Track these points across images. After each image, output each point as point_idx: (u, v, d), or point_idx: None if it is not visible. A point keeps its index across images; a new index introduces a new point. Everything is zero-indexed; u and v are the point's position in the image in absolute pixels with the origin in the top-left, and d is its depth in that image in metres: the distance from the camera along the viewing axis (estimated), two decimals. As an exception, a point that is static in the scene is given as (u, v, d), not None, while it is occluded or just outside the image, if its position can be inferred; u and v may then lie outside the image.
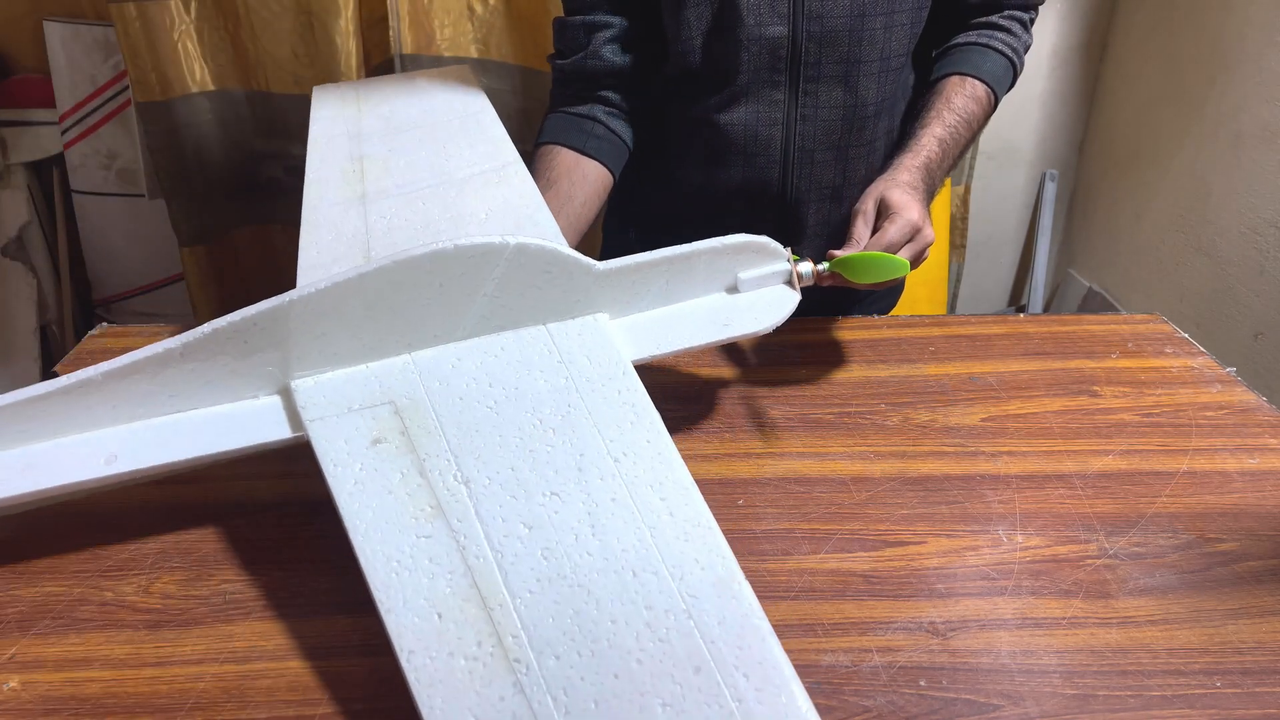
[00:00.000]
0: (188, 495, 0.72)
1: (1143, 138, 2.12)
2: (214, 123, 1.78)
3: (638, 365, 0.69)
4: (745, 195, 1.03)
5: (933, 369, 0.91)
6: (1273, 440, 0.81)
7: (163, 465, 0.63)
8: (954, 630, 0.62)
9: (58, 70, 1.86)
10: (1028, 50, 1.03)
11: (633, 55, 1.01)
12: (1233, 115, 1.82)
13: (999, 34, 1.01)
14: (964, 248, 2.31)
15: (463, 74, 1.10)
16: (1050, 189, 2.36)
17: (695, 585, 0.53)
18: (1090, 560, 0.68)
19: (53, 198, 1.99)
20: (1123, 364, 0.93)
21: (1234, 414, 0.85)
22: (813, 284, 0.79)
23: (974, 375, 0.90)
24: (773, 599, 0.64)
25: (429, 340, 0.68)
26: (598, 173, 0.99)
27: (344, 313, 0.65)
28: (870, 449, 0.80)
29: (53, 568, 0.66)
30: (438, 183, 0.87)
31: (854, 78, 0.95)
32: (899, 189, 0.85)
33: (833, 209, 1.04)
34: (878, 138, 1.02)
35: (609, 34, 0.99)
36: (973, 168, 2.24)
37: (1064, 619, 0.63)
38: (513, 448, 0.61)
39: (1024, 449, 0.80)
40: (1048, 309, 2.46)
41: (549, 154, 0.99)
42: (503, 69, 1.79)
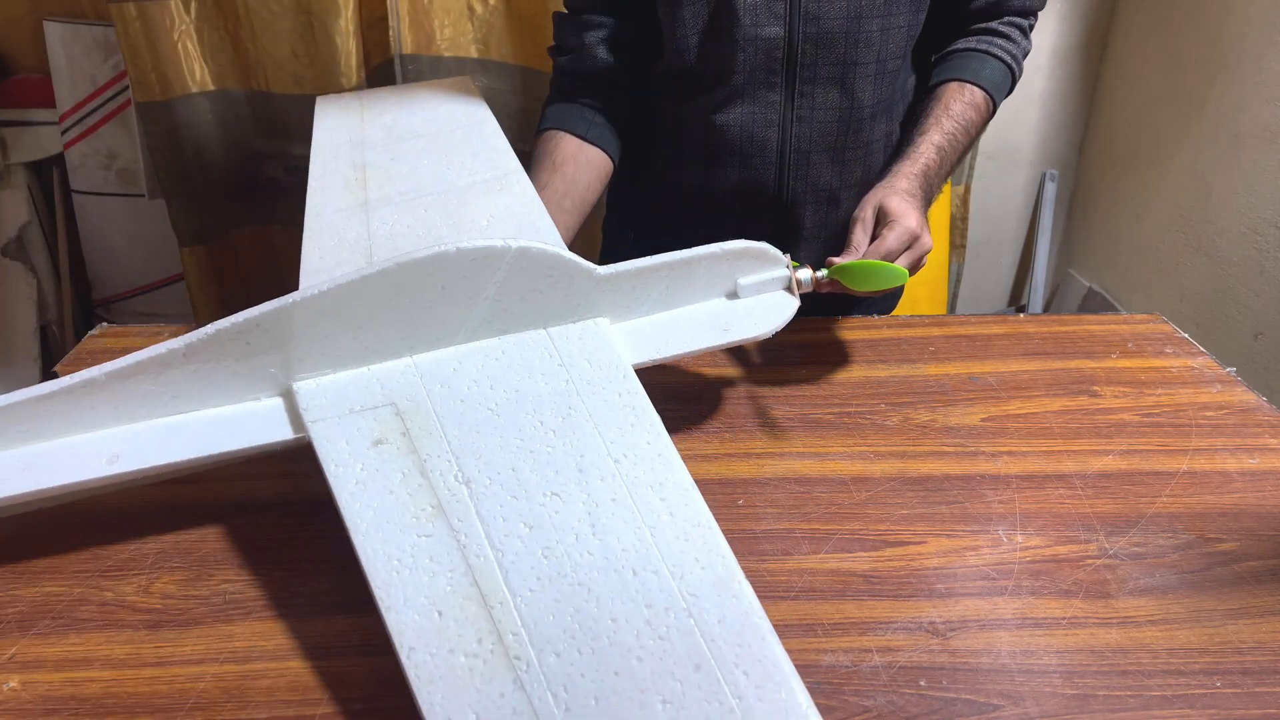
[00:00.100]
0: (188, 495, 0.72)
1: (1143, 138, 2.12)
2: (214, 123, 1.78)
3: (638, 369, 0.69)
4: (742, 196, 1.03)
5: (933, 369, 0.91)
6: (1273, 440, 0.81)
7: (164, 466, 0.63)
8: (954, 630, 0.62)
9: (58, 70, 1.86)
10: (1026, 56, 1.04)
11: (626, 55, 1.02)
12: (1233, 115, 1.82)
13: (998, 40, 1.01)
14: (964, 248, 2.31)
15: (465, 84, 1.12)
16: (1050, 189, 2.36)
17: (695, 584, 0.53)
18: (1090, 560, 0.68)
19: (53, 198, 1.99)
20: (1123, 364, 0.93)
21: (1234, 414, 0.85)
22: (811, 290, 0.80)
23: (974, 375, 0.90)
24: (773, 599, 0.64)
25: (430, 343, 0.69)
26: (600, 158, 1.01)
27: (346, 314, 0.65)
28: (870, 449, 0.80)
29: (53, 568, 0.66)
30: (440, 190, 0.87)
31: (850, 79, 0.95)
32: (897, 196, 0.86)
33: (830, 211, 1.04)
34: (874, 140, 1.02)
35: (602, 34, 1.00)
36: (973, 168, 2.24)
37: (1064, 619, 0.63)
38: (513, 449, 0.61)
39: (1024, 449, 0.80)
40: (1048, 309, 2.46)
41: (553, 139, 1.01)
42: (503, 69, 1.79)
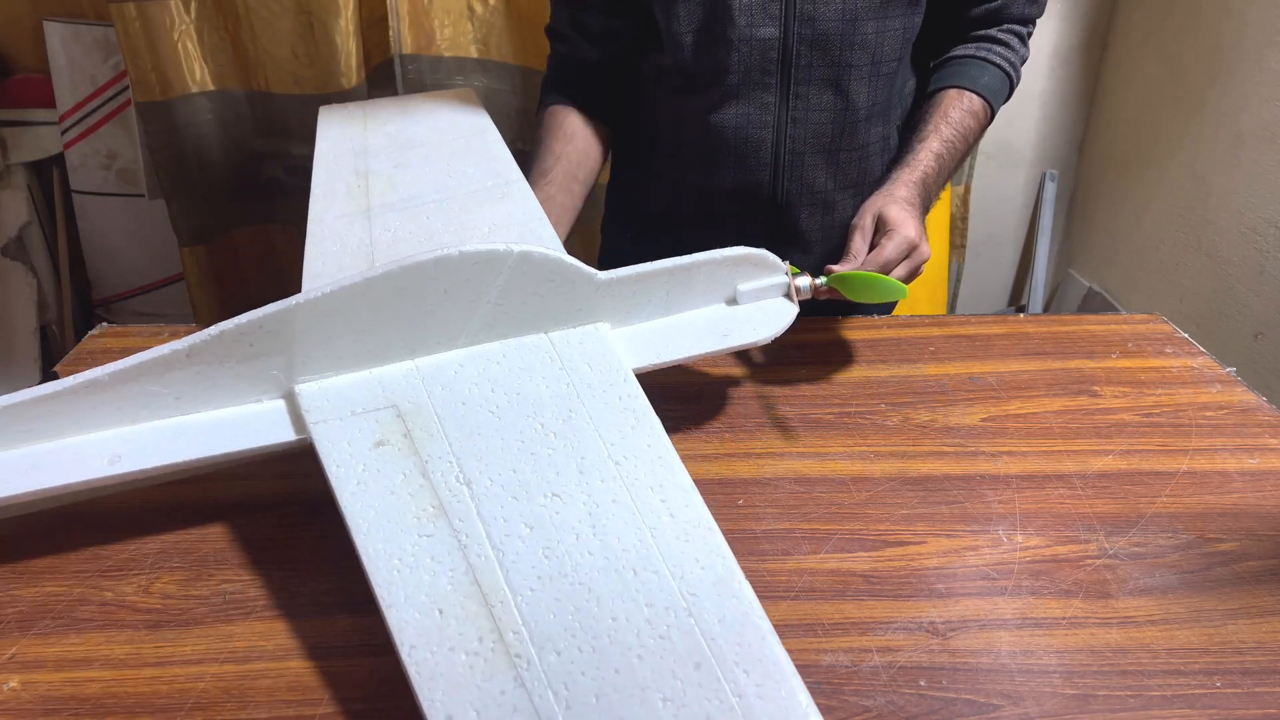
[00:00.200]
0: (188, 495, 0.72)
1: (1143, 138, 2.12)
2: (214, 123, 1.78)
3: (638, 374, 0.70)
4: (737, 197, 1.03)
5: (933, 369, 0.91)
6: (1273, 440, 0.81)
7: (166, 467, 0.63)
8: (954, 630, 0.62)
9: (58, 70, 1.86)
10: (1024, 63, 1.04)
11: (618, 49, 1.04)
12: (1233, 115, 1.82)
13: (997, 47, 1.01)
14: (964, 248, 2.31)
15: (467, 95, 1.13)
16: (1050, 189, 2.36)
17: (695, 584, 0.53)
18: (1090, 560, 0.68)
19: (53, 198, 1.99)
20: (1123, 364, 0.93)
21: (1234, 414, 0.85)
22: (810, 298, 0.81)
23: (974, 375, 0.90)
24: (773, 599, 0.64)
25: (432, 346, 0.69)
26: (605, 135, 1.07)
27: (349, 317, 0.65)
28: (870, 449, 0.80)
29: (53, 568, 0.66)
30: (442, 198, 0.88)
31: (844, 81, 0.96)
32: (897, 205, 0.87)
33: (825, 213, 1.04)
34: (870, 143, 1.02)
35: (594, 27, 1.02)
36: (973, 168, 2.24)
37: (1064, 619, 0.63)
38: (514, 450, 0.62)
39: (1024, 449, 0.80)
40: (1048, 309, 2.46)
41: (562, 112, 1.04)
42: (503, 69, 1.79)
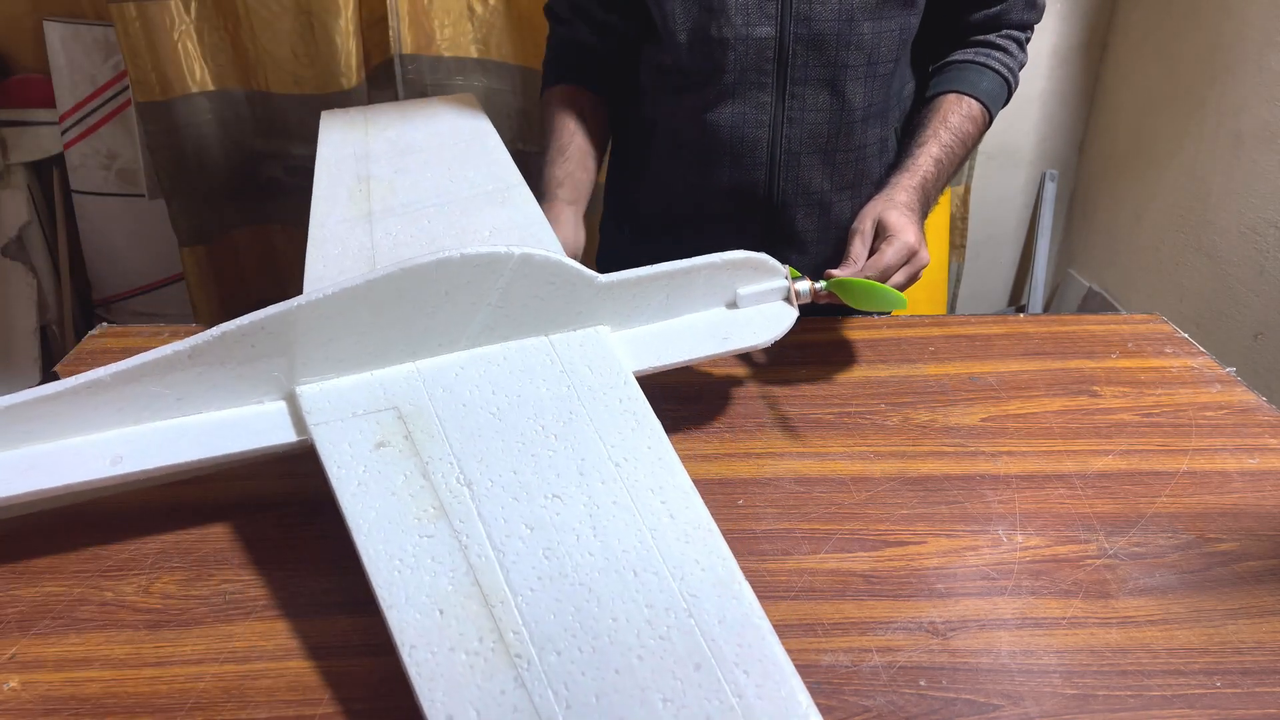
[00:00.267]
0: (188, 495, 0.72)
1: (1143, 138, 2.12)
2: (214, 123, 1.78)
3: (638, 377, 0.70)
4: (732, 197, 1.03)
5: (933, 369, 0.91)
6: (1273, 440, 0.81)
7: (168, 467, 0.63)
8: (954, 630, 0.62)
9: (58, 70, 1.86)
10: (1022, 68, 1.04)
11: (615, 40, 1.06)
12: (1233, 115, 1.82)
13: (996, 53, 1.01)
14: (964, 248, 2.31)
15: (468, 100, 1.14)
16: (1050, 189, 2.36)
17: (695, 585, 0.53)
18: (1090, 560, 0.68)
19: (53, 198, 1.99)
20: (1123, 364, 0.93)
21: (1234, 414, 0.85)
22: (810, 302, 0.81)
23: (974, 375, 0.91)
24: (773, 599, 0.64)
25: (433, 349, 0.69)
26: (607, 113, 1.10)
27: (351, 318, 0.66)
28: (870, 449, 0.80)
29: (53, 568, 0.66)
30: (443, 202, 0.88)
31: (840, 81, 0.96)
32: (897, 210, 0.87)
33: (821, 214, 1.04)
34: (867, 144, 1.02)
35: (593, 18, 1.04)
36: (973, 168, 2.24)
37: (1064, 619, 0.63)
38: (515, 452, 0.62)
39: (1024, 449, 0.80)
40: (1048, 309, 2.46)
41: (576, 91, 1.07)
42: (503, 69, 1.79)
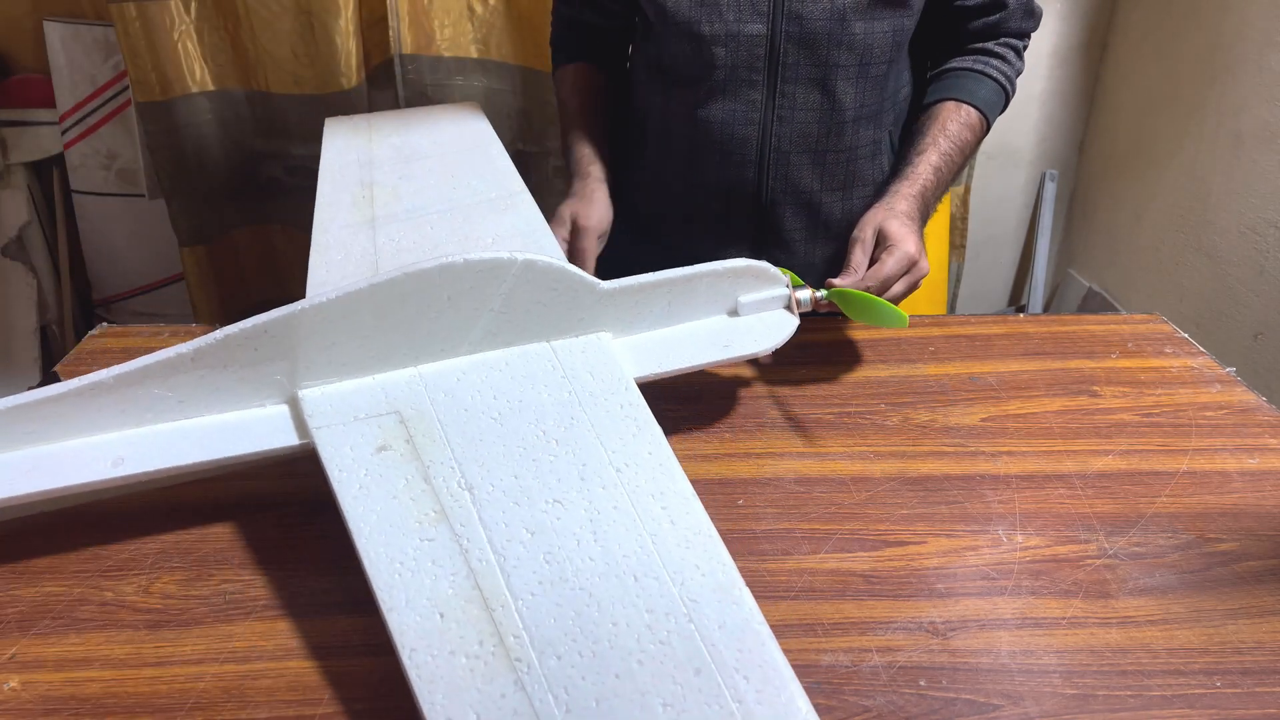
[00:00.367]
0: (188, 495, 0.72)
1: (1143, 138, 2.12)
2: (214, 123, 1.78)
3: (639, 383, 0.70)
4: (722, 195, 1.03)
5: (933, 369, 0.91)
6: (1272, 440, 0.81)
7: (169, 469, 0.63)
8: (954, 630, 0.62)
9: (58, 70, 1.86)
10: (1019, 75, 1.04)
11: (616, 36, 1.09)
12: (1233, 115, 1.82)
13: (994, 61, 1.01)
14: (964, 248, 2.31)
15: (472, 109, 1.15)
16: (1050, 189, 2.36)
17: (696, 590, 0.53)
18: (1090, 560, 0.68)
19: (53, 198, 1.99)
20: (1123, 364, 0.93)
21: (1234, 414, 0.85)
22: (810, 311, 0.82)
23: (974, 375, 0.91)
24: (773, 599, 0.64)
25: (435, 354, 0.70)
26: (615, 88, 1.14)
27: (353, 322, 0.66)
28: (870, 449, 0.80)
29: (53, 568, 0.66)
30: (446, 209, 0.89)
31: (831, 81, 0.96)
32: (897, 220, 0.87)
33: (810, 214, 1.04)
34: (859, 145, 1.01)
35: (595, 5, 1.07)
36: (972, 168, 2.24)
37: (1064, 619, 0.63)
38: (516, 457, 0.62)
39: (1024, 449, 0.80)
40: (1048, 309, 2.46)
41: (586, 69, 1.10)
42: (503, 69, 1.79)
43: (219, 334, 0.63)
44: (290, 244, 1.95)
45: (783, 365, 0.92)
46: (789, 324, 0.79)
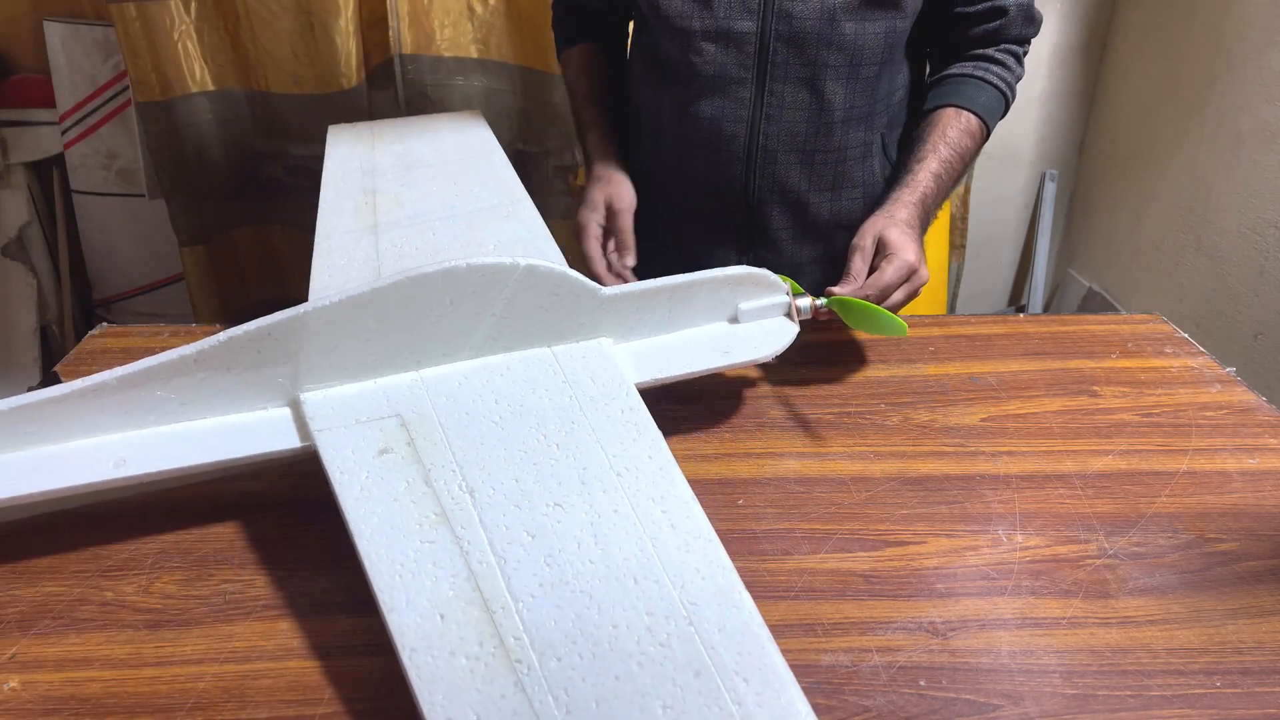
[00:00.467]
0: (188, 495, 0.72)
1: (1143, 138, 2.12)
2: (214, 123, 1.78)
3: (640, 389, 0.70)
4: (710, 192, 1.04)
5: (933, 369, 0.91)
6: (1273, 440, 0.81)
7: (171, 471, 0.63)
8: (954, 630, 0.62)
9: (58, 70, 1.86)
10: (1019, 81, 1.04)
11: (616, 27, 1.12)
12: (1233, 115, 1.82)
13: (994, 67, 1.01)
14: (964, 248, 2.31)
15: (473, 117, 1.16)
16: (1050, 189, 2.36)
17: (696, 593, 0.54)
18: (1090, 560, 0.68)
19: (53, 198, 1.99)
20: (1123, 364, 0.93)
21: (1234, 414, 0.85)
22: (810, 319, 0.83)
23: (974, 375, 0.91)
24: (773, 599, 0.64)
25: (437, 358, 0.70)
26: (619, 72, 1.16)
27: (356, 326, 0.66)
28: (870, 449, 0.80)
29: (53, 568, 0.66)
30: (448, 216, 0.90)
31: (820, 81, 0.96)
32: (897, 228, 0.88)
33: (797, 213, 1.04)
34: (848, 147, 1.01)
35: None
36: (972, 168, 2.24)
37: (1064, 619, 0.63)
38: (517, 460, 0.62)
39: (1024, 449, 0.80)
40: (1048, 309, 2.46)
41: (592, 52, 1.12)
42: (503, 69, 1.79)
43: (222, 336, 0.64)
44: (290, 244, 1.95)
45: (783, 365, 0.92)
46: (789, 331, 0.80)
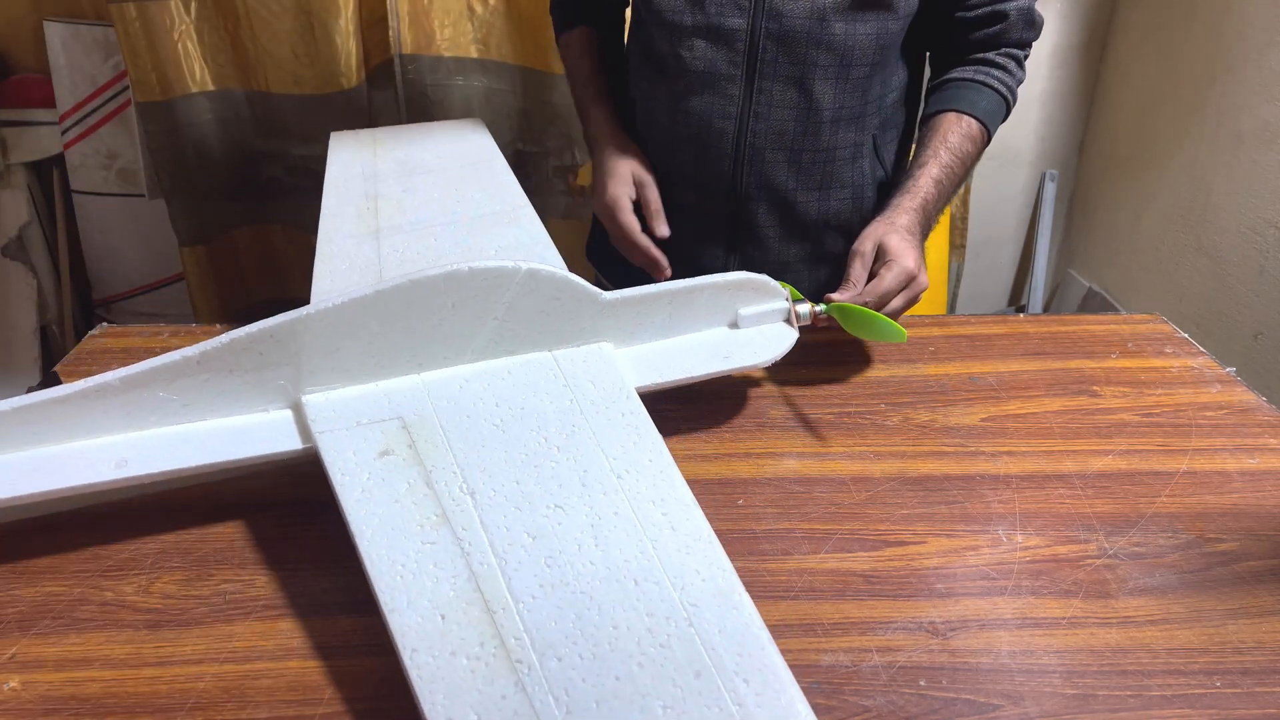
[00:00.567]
0: (188, 495, 0.72)
1: (1143, 138, 2.12)
2: (214, 123, 1.78)
3: (640, 393, 0.70)
4: (697, 185, 1.04)
5: (933, 369, 0.92)
6: (1272, 440, 0.81)
7: (172, 472, 0.63)
8: (954, 630, 0.62)
9: (58, 70, 1.86)
10: (1020, 85, 1.04)
11: (616, 17, 1.14)
12: (1233, 115, 1.82)
13: (995, 71, 1.01)
14: (964, 248, 2.31)
15: (474, 125, 1.16)
16: (1050, 189, 2.36)
17: (696, 595, 0.54)
18: (1090, 560, 0.68)
19: (53, 198, 1.99)
20: (1123, 364, 0.93)
21: (1234, 414, 0.85)
22: (809, 325, 0.83)
23: (974, 375, 0.91)
24: (773, 599, 0.64)
25: (438, 362, 0.70)
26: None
27: (358, 329, 0.66)
28: (870, 449, 0.80)
29: (53, 568, 0.66)
30: (449, 221, 0.90)
31: (809, 81, 0.96)
32: (898, 235, 0.88)
33: (784, 212, 1.04)
34: (838, 147, 1.01)
35: None
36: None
37: (1064, 619, 0.63)
38: (518, 463, 0.62)
39: (1024, 449, 0.80)
40: (1048, 309, 2.46)
41: (591, 34, 1.13)
42: (503, 69, 1.79)
43: (224, 338, 0.64)
44: (290, 244, 1.95)
45: (783, 365, 0.91)
46: (788, 337, 0.80)
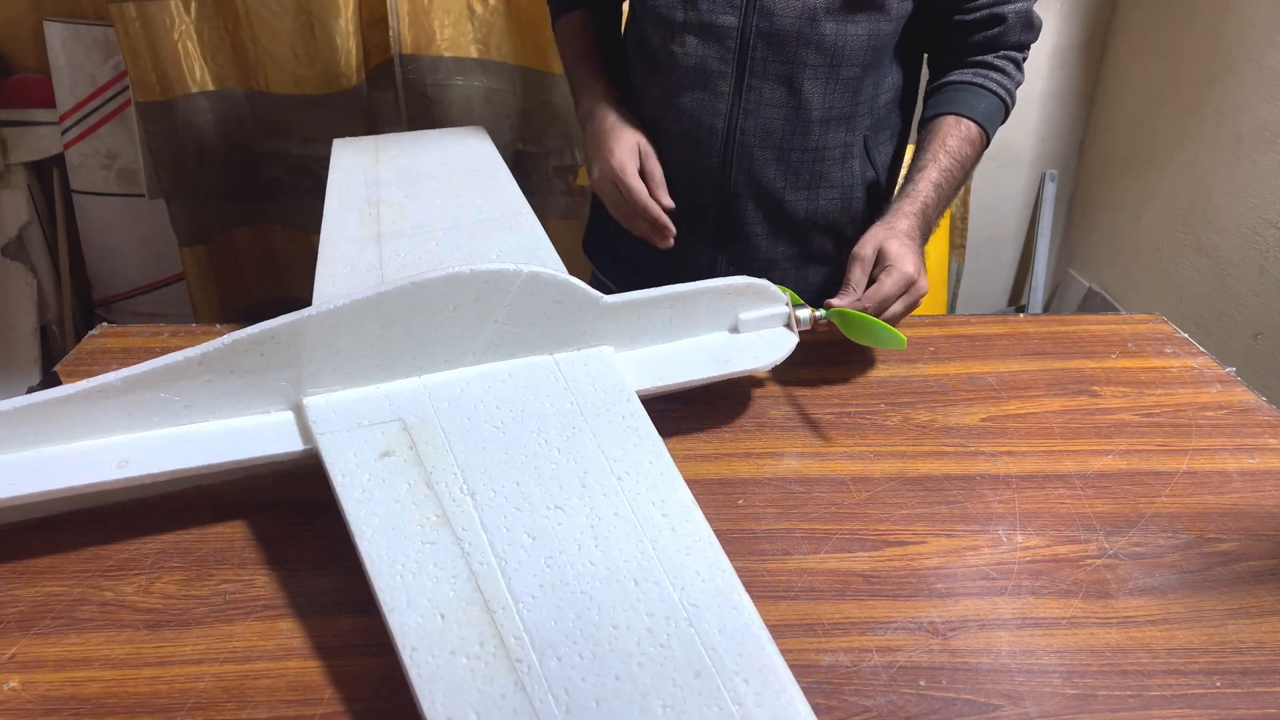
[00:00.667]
0: (187, 495, 0.72)
1: (1143, 138, 2.12)
2: (214, 123, 1.78)
3: (640, 397, 0.70)
4: (687, 183, 1.04)
5: (933, 369, 0.92)
6: (1272, 440, 0.81)
7: (173, 472, 0.63)
8: (954, 630, 0.62)
9: (58, 70, 1.86)
10: (1019, 87, 1.04)
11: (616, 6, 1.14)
12: (1233, 115, 1.82)
13: (994, 74, 1.01)
14: (964, 248, 2.31)
15: (478, 132, 1.17)
16: (1050, 189, 2.36)
17: (696, 595, 0.54)
18: (1090, 560, 0.68)
19: (53, 198, 1.99)
20: (1123, 364, 0.93)
21: (1234, 414, 0.85)
22: (810, 329, 0.83)
23: (974, 375, 0.91)
24: (773, 599, 0.64)
25: (439, 364, 0.70)
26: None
27: (359, 331, 0.66)
28: (870, 449, 0.80)
29: (53, 568, 0.66)
30: (451, 227, 0.90)
31: (799, 80, 0.96)
32: (898, 239, 0.88)
33: (772, 211, 1.04)
34: (827, 148, 1.01)
35: None
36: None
37: (1064, 619, 0.63)
38: (518, 464, 0.63)
39: (1024, 449, 0.80)
40: (1048, 309, 2.46)
41: (588, 20, 1.13)
42: (503, 69, 1.79)
43: (226, 340, 0.64)
44: (290, 244, 1.95)
45: (784, 365, 0.91)
46: (788, 341, 0.80)
